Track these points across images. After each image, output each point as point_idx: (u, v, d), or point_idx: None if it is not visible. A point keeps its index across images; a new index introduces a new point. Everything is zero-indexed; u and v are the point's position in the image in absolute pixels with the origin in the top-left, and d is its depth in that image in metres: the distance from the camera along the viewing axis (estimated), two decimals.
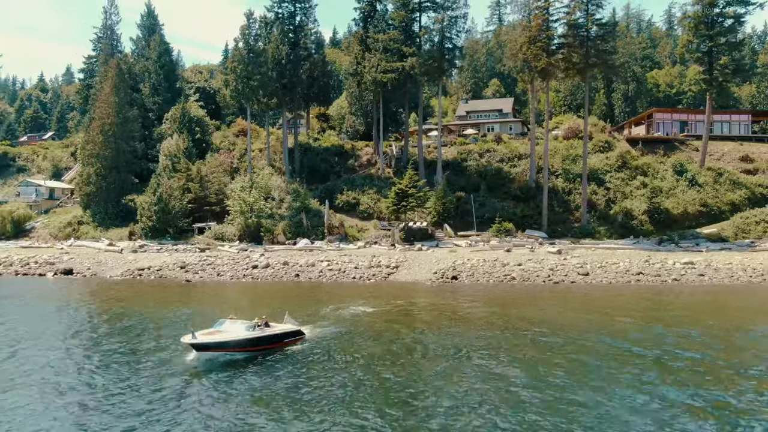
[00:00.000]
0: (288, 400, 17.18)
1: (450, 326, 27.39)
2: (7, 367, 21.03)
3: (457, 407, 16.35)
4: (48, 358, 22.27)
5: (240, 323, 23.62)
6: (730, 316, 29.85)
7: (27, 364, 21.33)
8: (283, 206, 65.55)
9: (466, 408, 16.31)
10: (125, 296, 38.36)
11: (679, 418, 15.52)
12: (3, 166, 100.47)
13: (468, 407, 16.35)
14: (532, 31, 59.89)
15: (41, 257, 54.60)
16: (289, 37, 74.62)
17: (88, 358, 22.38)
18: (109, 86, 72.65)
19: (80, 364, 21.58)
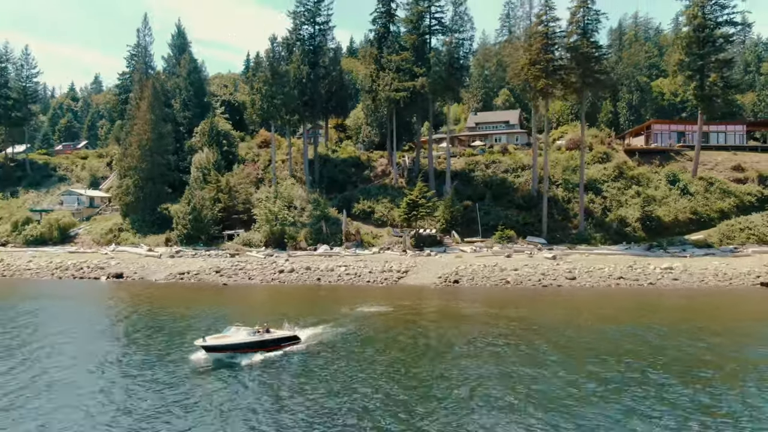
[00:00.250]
0: (315, 386, 23.05)
1: (444, 324, 33.08)
2: (73, 353, 27.20)
3: (441, 384, 22.07)
4: (103, 349, 28.48)
5: (243, 329, 27.99)
6: (668, 316, 34.92)
7: (84, 356, 27.50)
8: (305, 214, 71.69)
9: (447, 384, 22.04)
10: (170, 297, 44.72)
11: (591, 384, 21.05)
12: (45, 176, 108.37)
13: (448, 381, 22.08)
14: (532, 54, 65.27)
15: (92, 262, 61.36)
16: (309, 58, 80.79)
17: (131, 351, 28.46)
18: (145, 105, 79.49)
19: (130, 357, 27.68)
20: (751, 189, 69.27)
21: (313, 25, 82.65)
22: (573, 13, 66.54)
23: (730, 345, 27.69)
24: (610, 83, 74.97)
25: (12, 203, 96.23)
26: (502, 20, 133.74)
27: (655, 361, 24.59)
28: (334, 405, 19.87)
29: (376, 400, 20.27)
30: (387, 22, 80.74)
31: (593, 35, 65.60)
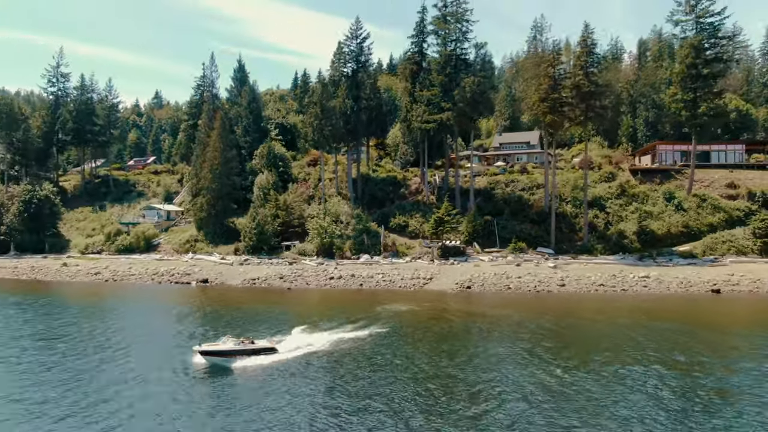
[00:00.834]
0: (370, 368, 35.81)
1: (451, 317, 45.50)
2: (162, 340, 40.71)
3: (450, 349, 34.49)
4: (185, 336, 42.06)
5: (231, 340, 35.20)
6: (614, 314, 46.29)
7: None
8: (349, 228, 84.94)
9: (450, 358, 34.45)
10: (250, 299, 58.51)
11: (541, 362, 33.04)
12: (126, 191, 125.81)
13: (449, 356, 34.51)
14: (540, 93, 76.75)
15: (179, 269, 76.30)
16: (352, 92, 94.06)
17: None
18: (215, 135, 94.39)
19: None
20: (739, 205, 78.59)
21: (356, 64, 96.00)
22: (578, 56, 77.76)
23: (608, 329, 39.02)
24: (610, 116, 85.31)
25: (101, 216, 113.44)
26: (528, 42, 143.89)
27: (538, 340, 36.51)
28: (387, 372, 32.57)
29: (414, 368, 32.88)
30: (420, 60, 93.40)
31: (595, 75, 76.49)
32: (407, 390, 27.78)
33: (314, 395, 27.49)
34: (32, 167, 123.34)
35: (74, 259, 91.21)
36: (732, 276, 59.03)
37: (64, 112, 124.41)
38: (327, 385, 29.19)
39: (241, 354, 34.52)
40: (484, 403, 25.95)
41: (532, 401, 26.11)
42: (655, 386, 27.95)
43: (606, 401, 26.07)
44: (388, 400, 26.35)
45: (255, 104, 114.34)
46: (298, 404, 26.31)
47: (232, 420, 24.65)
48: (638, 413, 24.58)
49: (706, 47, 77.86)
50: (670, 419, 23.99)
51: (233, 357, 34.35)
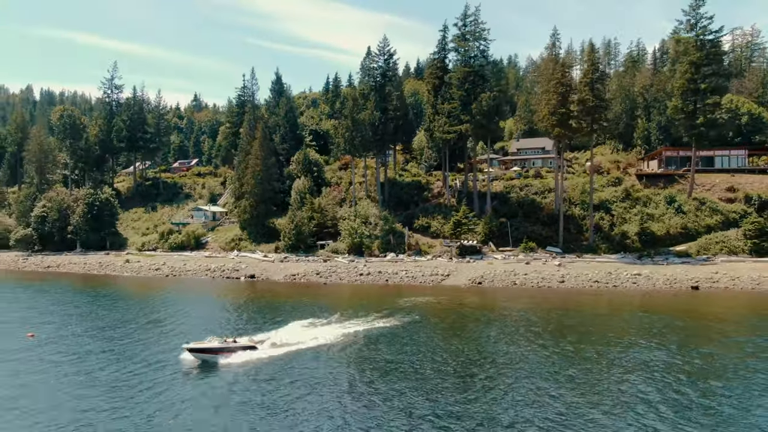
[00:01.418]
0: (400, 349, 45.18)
1: (462, 306, 54.54)
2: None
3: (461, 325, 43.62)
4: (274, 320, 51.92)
5: (216, 339, 38.56)
6: (597, 305, 54.60)
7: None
8: (377, 228, 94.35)
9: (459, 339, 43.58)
10: (293, 293, 68.37)
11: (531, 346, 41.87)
12: (174, 193, 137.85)
13: (443, 335, 43.59)
14: (549, 107, 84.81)
15: (228, 265, 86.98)
16: (380, 104, 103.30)
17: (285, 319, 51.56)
18: (257, 144, 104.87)
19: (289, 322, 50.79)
20: (736, 207, 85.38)
21: (383, 78, 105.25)
22: (585, 73, 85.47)
23: (586, 316, 47.46)
24: (613, 128, 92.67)
25: (153, 216, 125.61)
26: (548, 48, 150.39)
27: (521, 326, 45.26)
28: (411, 351, 41.84)
29: (430, 343, 42.08)
30: (441, 75, 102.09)
31: (599, 91, 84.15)
32: (426, 359, 36.91)
33: (370, 372, 36.93)
34: (93, 172, 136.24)
35: (133, 256, 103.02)
36: (715, 274, 66.53)
37: (118, 121, 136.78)
38: (372, 359, 38.57)
39: (225, 351, 37.95)
40: (484, 370, 35.00)
41: (515, 366, 35.08)
42: (597, 353, 36.59)
43: (557, 366, 34.91)
44: (414, 369, 35.61)
45: (291, 114, 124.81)
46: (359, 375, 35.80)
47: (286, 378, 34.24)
48: (581, 373, 33.35)
49: (705, 63, 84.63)
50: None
51: (218, 354, 37.78)
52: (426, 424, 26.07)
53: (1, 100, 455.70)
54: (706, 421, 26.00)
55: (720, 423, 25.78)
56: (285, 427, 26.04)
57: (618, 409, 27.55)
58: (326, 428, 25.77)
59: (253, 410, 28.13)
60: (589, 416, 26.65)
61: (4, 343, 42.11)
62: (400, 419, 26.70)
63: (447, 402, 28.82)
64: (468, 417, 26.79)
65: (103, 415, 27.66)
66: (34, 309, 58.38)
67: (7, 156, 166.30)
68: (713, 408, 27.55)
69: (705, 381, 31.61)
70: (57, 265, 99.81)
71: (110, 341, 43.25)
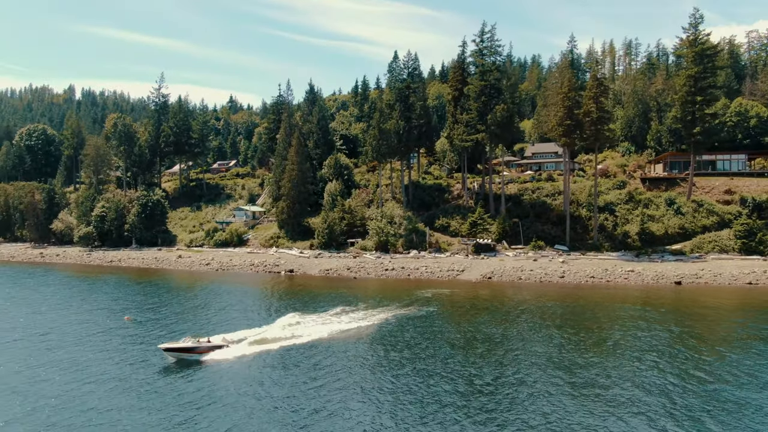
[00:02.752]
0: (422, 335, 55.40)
1: (472, 297, 64.37)
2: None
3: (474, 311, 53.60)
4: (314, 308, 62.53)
5: (190, 339, 42.00)
6: (586, 296, 63.70)
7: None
8: (401, 228, 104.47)
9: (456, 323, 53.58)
10: (327, 285, 79.00)
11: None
12: (216, 194, 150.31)
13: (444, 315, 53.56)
14: (557, 118, 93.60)
15: (269, 261, 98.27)
16: (404, 114, 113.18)
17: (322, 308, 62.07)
18: (293, 151, 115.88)
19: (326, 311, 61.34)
20: (732, 209, 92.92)
21: (407, 90, 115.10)
22: (590, 88, 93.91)
23: (572, 306, 56.66)
24: (614, 137, 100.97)
25: (198, 215, 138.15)
26: (564, 55, 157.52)
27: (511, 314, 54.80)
28: (435, 334, 51.96)
29: (442, 322, 52.12)
30: (461, 87, 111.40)
31: (603, 104, 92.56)
32: (439, 337, 47.01)
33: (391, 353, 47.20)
34: (144, 175, 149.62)
35: (184, 252, 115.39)
36: (701, 270, 74.87)
37: (165, 128, 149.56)
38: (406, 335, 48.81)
39: (199, 351, 41.38)
40: (484, 346, 44.94)
41: (507, 343, 44.90)
42: (573, 334, 46.09)
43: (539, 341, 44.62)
44: (429, 345, 45.76)
45: (323, 122, 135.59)
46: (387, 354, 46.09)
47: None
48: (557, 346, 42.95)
49: (702, 77, 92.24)
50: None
51: (191, 353, 41.15)
52: (444, 385, 36.32)
53: (46, 101, 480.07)
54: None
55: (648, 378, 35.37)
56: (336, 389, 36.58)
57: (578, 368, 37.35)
58: (357, 400, 36.21)
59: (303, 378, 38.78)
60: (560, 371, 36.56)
61: (110, 323, 53.87)
62: (417, 381, 37.01)
63: (456, 369, 39.03)
64: (473, 378, 36.97)
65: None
66: (120, 298, 70.51)
67: (63, 158, 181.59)
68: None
69: (633, 351, 41.13)
70: (118, 259, 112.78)
71: (192, 323, 54.52)
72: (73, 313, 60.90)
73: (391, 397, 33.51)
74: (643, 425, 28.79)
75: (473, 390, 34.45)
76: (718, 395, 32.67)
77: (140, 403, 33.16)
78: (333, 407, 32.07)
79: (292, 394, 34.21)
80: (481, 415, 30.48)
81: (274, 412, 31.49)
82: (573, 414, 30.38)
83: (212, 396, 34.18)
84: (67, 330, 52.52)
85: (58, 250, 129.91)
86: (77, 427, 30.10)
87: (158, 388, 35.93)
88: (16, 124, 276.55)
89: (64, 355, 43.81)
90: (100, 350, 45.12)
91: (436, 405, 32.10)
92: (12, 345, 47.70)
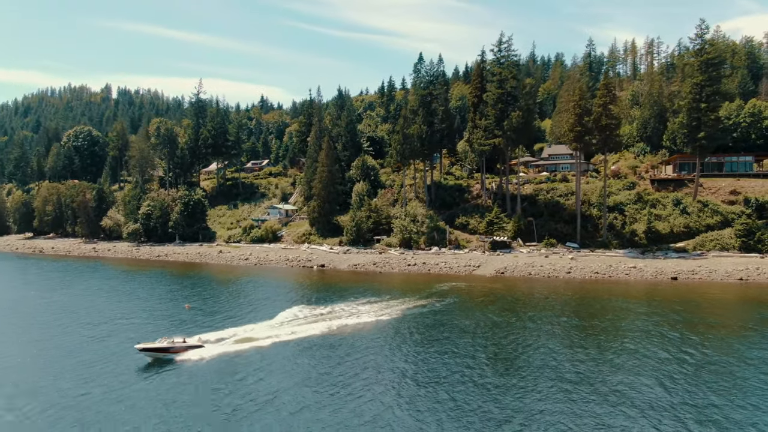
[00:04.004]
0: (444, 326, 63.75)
1: (486, 290, 72.29)
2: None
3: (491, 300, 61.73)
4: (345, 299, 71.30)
5: (166, 340, 44.12)
6: (585, 290, 70.98)
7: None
8: (423, 226, 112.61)
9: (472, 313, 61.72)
10: (355, 279, 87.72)
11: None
12: (252, 192, 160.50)
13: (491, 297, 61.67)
14: (568, 125, 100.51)
15: (301, 256, 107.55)
16: (427, 119, 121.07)
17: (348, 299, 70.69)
18: (323, 154, 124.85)
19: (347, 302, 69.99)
20: (735, 209, 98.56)
21: (430, 96, 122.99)
22: (600, 96, 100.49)
23: (573, 298, 64.03)
24: (622, 142, 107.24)
25: (235, 213, 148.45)
26: (584, 58, 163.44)
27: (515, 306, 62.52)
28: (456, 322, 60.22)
29: (455, 309, 60.27)
30: (480, 94, 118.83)
31: (613, 111, 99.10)
32: (451, 323, 55.25)
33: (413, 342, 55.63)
34: (185, 175, 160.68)
35: (223, 247, 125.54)
36: (698, 267, 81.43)
37: (204, 131, 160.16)
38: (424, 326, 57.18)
39: (174, 351, 43.26)
40: (494, 332, 53.02)
41: (510, 327, 52.89)
42: (568, 323, 53.72)
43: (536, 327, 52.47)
44: (450, 332, 53.99)
45: (351, 126, 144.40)
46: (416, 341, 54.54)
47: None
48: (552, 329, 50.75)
49: (707, 84, 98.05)
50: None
51: (167, 353, 42.96)
52: (459, 361, 44.72)
53: (84, 100, 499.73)
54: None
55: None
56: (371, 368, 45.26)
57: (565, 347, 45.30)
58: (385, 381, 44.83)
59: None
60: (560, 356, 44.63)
61: (173, 311, 63.61)
62: (434, 356, 45.47)
63: (466, 349, 47.39)
64: (477, 356, 45.30)
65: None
66: (175, 290, 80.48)
67: (108, 159, 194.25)
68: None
69: (616, 337, 48.82)
70: (165, 254, 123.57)
71: (247, 310, 63.92)
72: (144, 302, 70.98)
73: (414, 378, 41.98)
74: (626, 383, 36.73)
75: (480, 364, 42.71)
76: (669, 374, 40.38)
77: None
78: (366, 377, 40.75)
79: (332, 371, 42.96)
80: (497, 379, 38.78)
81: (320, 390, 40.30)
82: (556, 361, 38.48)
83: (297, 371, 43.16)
84: (144, 316, 62.41)
85: (108, 246, 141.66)
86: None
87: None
88: (58, 123, 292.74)
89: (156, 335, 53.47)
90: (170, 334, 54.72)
91: (452, 378, 40.51)
92: (122, 325, 57.75)
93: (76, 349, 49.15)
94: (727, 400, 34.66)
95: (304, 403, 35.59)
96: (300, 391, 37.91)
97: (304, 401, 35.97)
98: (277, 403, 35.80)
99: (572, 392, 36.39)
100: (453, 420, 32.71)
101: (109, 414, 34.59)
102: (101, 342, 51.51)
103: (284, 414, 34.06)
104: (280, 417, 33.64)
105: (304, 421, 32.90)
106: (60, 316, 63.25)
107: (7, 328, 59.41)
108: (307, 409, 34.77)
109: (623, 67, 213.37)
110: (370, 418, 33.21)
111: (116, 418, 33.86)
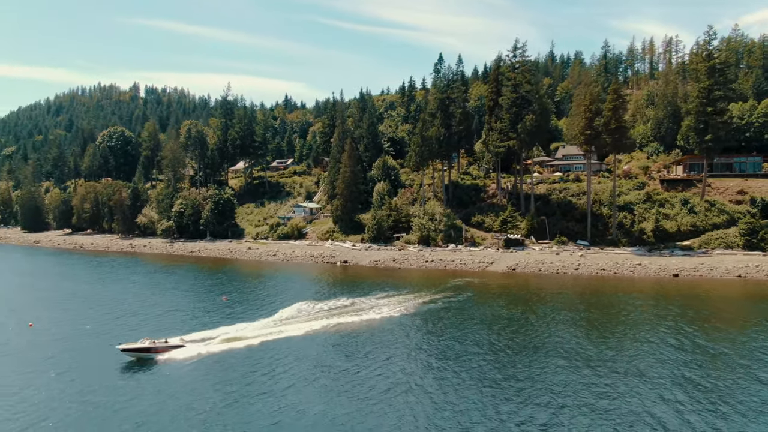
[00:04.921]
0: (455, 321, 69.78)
1: (499, 284, 77.94)
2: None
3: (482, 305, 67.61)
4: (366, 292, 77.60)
5: (148, 340, 45.34)
6: (588, 286, 76.08)
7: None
8: (441, 224, 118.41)
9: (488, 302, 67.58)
10: (377, 275, 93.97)
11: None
12: (277, 191, 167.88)
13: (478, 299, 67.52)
14: (579, 128, 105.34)
15: (325, 253, 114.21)
16: (445, 121, 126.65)
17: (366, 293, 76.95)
18: (346, 156, 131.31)
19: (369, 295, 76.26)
20: (741, 209, 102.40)
21: (447, 99, 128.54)
22: (610, 100, 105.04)
23: (576, 294, 69.25)
24: (631, 144, 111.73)
25: (262, 211, 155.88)
26: (600, 59, 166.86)
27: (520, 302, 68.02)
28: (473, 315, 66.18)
29: (466, 300, 66.19)
30: (495, 98, 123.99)
31: (620, 114, 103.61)
32: (464, 314, 61.16)
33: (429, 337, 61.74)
34: (214, 174, 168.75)
35: (252, 244, 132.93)
36: (700, 264, 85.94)
37: (232, 133, 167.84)
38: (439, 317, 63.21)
39: (155, 351, 44.13)
40: (506, 328, 58.81)
41: (518, 319, 58.61)
42: (565, 316, 59.19)
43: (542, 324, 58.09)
44: (461, 318, 59.94)
45: (373, 128, 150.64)
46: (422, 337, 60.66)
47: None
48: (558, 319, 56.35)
49: (714, 88, 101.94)
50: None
51: (148, 353, 43.81)
52: (475, 348, 50.78)
53: (113, 98, 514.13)
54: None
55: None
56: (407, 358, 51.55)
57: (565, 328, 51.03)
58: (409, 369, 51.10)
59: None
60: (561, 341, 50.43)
61: (209, 303, 70.71)
62: (455, 349, 51.58)
63: (475, 336, 53.41)
64: (491, 345, 51.29)
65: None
66: (212, 284, 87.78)
67: (141, 159, 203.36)
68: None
69: (612, 328, 54.27)
70: (197, 250, 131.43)
71: (282, 300, 70.75)
72: (186, 294, 78.33)
73: (442, 357, 48.19)
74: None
75: (493, 349, 48.71)
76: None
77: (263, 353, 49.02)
78: (395, 364, 47.05)
79: (366, 356, 49.34)
80: (514, 357, 44.77)
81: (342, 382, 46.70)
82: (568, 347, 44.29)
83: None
84: (185, 307, 69.61)
85: (144, 242, 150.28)
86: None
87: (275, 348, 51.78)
88: (90, 122, 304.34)
89: (197, 327, 60.42)
90: (214, 324, 61.70)
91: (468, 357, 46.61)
92: (177, 316, 65.07)
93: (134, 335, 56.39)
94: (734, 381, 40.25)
95: (345, 378, 42.06)
96: (348, 365, 44.50)
97: (345, 380, 42.43)
98: (317, 384, 42.36)
99: (594, 375, 42.28)
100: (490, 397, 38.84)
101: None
102: (161, 331, 58.79)
103: (334, 390, 40.56)
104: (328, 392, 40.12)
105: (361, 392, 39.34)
106: (112, 307, 70.79)
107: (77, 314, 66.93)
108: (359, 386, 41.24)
109: (641, 65, 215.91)
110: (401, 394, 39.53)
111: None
